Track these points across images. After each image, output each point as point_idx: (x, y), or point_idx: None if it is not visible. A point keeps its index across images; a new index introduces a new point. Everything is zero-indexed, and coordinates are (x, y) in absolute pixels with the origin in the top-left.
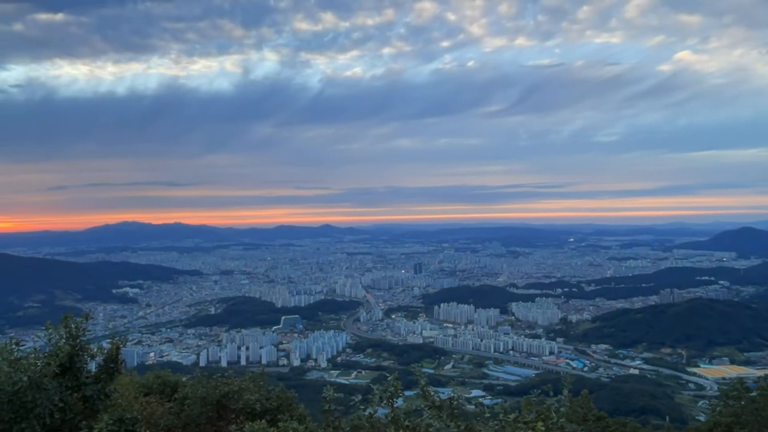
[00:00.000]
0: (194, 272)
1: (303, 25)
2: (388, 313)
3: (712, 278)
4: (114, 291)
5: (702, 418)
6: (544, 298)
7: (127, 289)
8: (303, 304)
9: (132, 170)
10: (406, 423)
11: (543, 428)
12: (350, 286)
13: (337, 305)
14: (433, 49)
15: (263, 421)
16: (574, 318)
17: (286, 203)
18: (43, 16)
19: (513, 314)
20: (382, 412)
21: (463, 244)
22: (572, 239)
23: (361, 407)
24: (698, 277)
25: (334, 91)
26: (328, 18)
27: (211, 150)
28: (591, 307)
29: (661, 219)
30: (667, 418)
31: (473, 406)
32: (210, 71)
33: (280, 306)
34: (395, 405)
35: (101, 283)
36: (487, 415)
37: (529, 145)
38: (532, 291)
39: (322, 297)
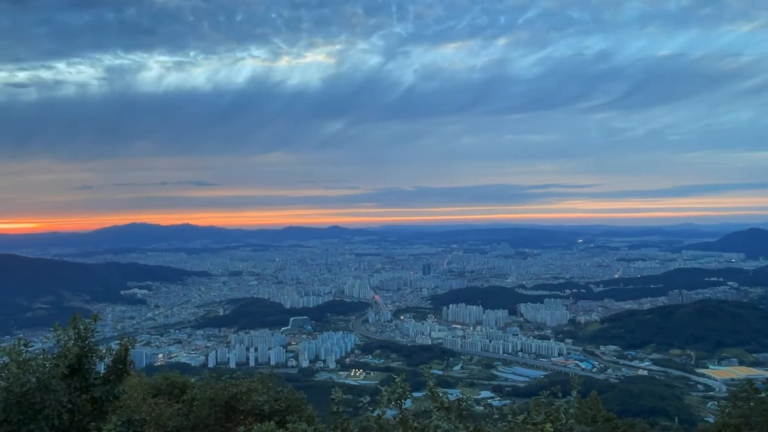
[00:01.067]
0: (203, 273)
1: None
2: (396, 314)
3: (721, 279)
4: (122, 292)
5: (711, 420)
6: (552, 299)
7: (136, 290)
8: (312, 306)
9: (176, 169)
10: (415, 424)
11: (552, 429)
12: (359, 287)
13: (346, 306)
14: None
15: (272, 422)
16: (582, 319)
17: (308, 204)
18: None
19: (522, 315)
20: (390, 413)
21: (472, 246)
22: (581, 240)
23: (370, 408)
24: (707, 278)
25: (426, 86)
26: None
27: (267, 148)
28: (599, 308)
29: (669, 220)
30: (676, 419)
31: (482, 408)
32: (304, 64)
33: (288, 307)
34: (404, 406)
35: (110, 284)
36: (496, 416)
37: (598, 143)
38: (540, 292)
39: (331, 298)
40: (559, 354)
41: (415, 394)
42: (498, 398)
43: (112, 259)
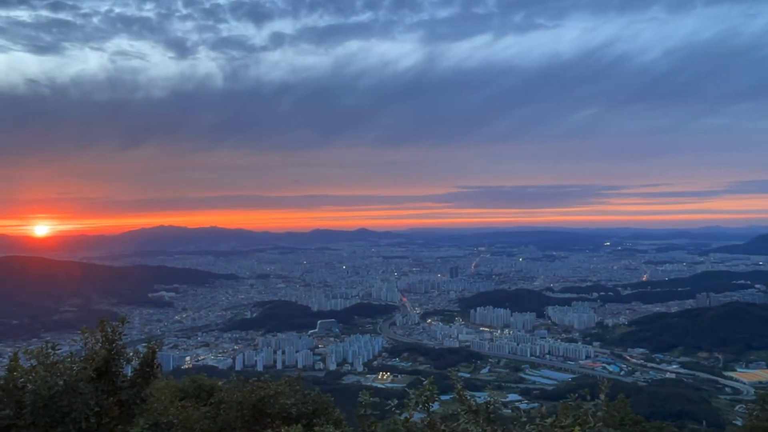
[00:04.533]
0: (230, 276)
1: None
2: (424, 316)
3: (749, 282)
4: (150, 295)
5: (739, 422)
6: (580, 302)
7: (163, 293)
8: (339, 308)
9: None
10: (443, 428)
11: None
12: (386, 289)
13: (373, 309)
14: None
15: (299, 425)
16: (610, 322)
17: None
18: None
19: (549, 318)
20: (418, 416)
21: (499, 248)
22: (608, 243)
23: (397, 412)
24: (734, 281)
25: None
26: None
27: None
28: (627, 311)
29: (696, 223)
30: (704, 422)
31: (510, 411)
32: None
33: (316, 310)
34: (431, 409)
35: (137, 287)
36: (524, 419)
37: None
38: (568, 295)
39: (358, 301)
40: (587, 357)
41: (443, 397)
42: (526, 401)
43: (139, 261)
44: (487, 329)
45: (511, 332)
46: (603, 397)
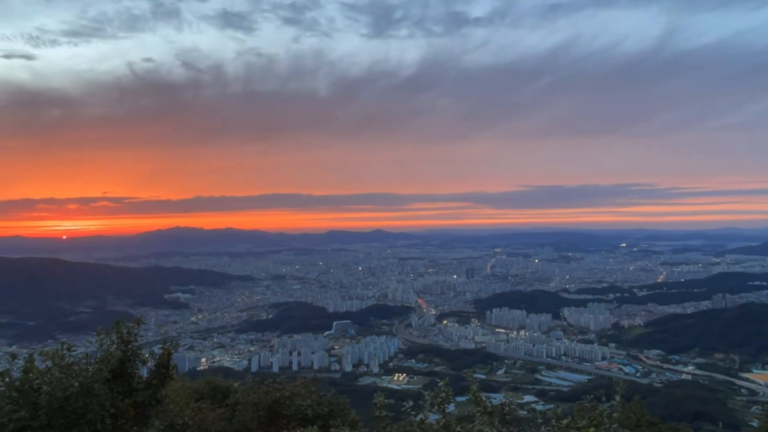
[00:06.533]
0: (246, 277)
1: None
2: (439, 318)
3: (765, 283)
4: (166, 296)
5: (755, 424)
6: (596, 303)
7: (179, 294)
8: (355, 309)
9: None
10: (458, 429)
11: None
12: (402, 291)
13: (389, 310)
14: None
15: (315, 426)
16: (626, 323)
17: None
18: None
19: (565, 319)
20: (433, 417)
21: (515, 249)
22: (624, 244)
23: (413, 413)
24: (750, 282)
25: None
26: None
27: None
28: (643, 312)
29: (712, 224)
30: (720, 423)
31: (525, 412)
32: None
33: (331, 311)
34: (447, 411)
35: (153, 288)
36: (540, 420)
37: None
38: (584, 296)
39: (374, 302)
40: (603, 358)
41: (459, 399)
42: (542, 402)
43: (155, 263)
44: (502, 330)
45: (526, 333)
46: (619, 398)
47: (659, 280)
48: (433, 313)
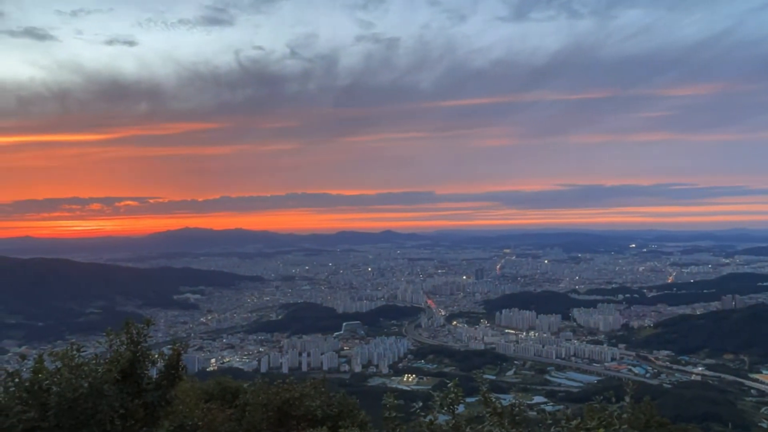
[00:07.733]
0: (255, 278)
1: None
2: (449, 318)
3: None
4: (175, 297)
5: (765, 425)
6: (605, 303)
7: (189, 294)
8: (364, 310)
9: None
10: (468, 430)
11: None
12: (411, 291)
13: (399, 311)
14: None
15: (324, 427)
16: (635, 324)
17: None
18: None
19: (574, 320)
20: (443, 418)
21: (525, 250)
22: (633, 245)
23: (422, 414)
24: (760, 283)
25: None
26: None
27: None
28: (652, 313)
29: (722, 225)
30: (730, 424)
31: (535, 413)
32: None
33: (341, 312)
34: (456, 412)
35: (162, 289)
36: (549, 421)
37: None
38: (593, 297)
39: (384, 303)
40: (612, 359)
41: (468, 399)
42: (551, 403)
43: (164, 263)
44: (512, 331)
45: (536, 334)
46: (628, 399)
47: (669, 281)
48: (443, 313)
